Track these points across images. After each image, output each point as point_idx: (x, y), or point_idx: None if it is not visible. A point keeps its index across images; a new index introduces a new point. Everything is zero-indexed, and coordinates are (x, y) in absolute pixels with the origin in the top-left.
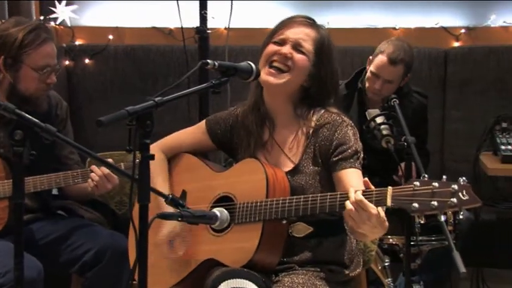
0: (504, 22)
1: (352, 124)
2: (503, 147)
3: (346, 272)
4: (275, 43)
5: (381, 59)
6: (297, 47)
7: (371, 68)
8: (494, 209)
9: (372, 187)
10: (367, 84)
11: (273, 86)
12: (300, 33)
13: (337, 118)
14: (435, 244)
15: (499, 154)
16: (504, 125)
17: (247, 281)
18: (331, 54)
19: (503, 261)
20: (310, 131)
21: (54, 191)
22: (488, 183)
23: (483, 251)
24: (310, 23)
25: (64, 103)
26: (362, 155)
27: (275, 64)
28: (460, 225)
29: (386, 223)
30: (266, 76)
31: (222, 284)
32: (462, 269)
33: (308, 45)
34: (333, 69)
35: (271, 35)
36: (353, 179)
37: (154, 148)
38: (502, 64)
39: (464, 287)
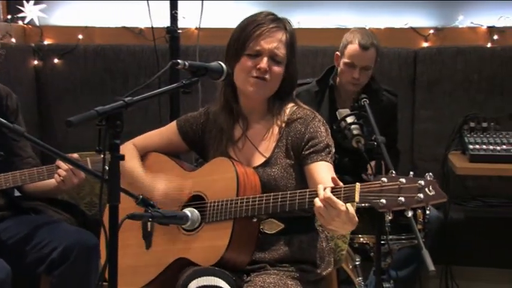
0: (471, 23)
1: (324, 121)
2: (471, 146)
3: (318, 271)
4: (250, 56)
5: (353, 48)
6: (273, 57)
7: (345, 59)
8: (463, 207)
9: (341, 184)
10: (343, 79)
11: (256, 96)
12: (274, 42)
13: (310, 113)
14: (405, 243)
15: (467, 153)
16: (472, 124)
17: (217, 279)
18: (296, 49)
19: (472, 259)
20: (283, 125)
21: (16, 193)
22: (457, 182)
23: (452, 249)
24: (280, 26)
25: (14, 95)
26: (333, 150)
27: (255, 76)
28: (430, 224)
29: (356, 218)
30: (249, 87)
31: (192, 282)
32: (431, 267)
33: (282, 52)
34: (296, 63)
35: (243, 45)
36: (324, 172)
37: (126, 143)
38: (470, 64)
39: (434, 284)
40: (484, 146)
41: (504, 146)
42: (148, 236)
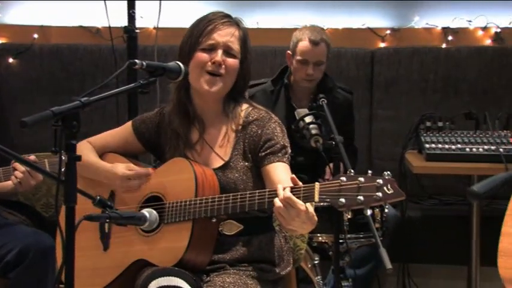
0: (427, 24)
1: (280, 121)
2: (427, 145)
3: (277, 270)
4: (204, 50)
5: (304, 45)
6: (227, 51)
7: (297, 57)
8: (419, 206)
9: (300, 183)
10: (297, 76)
11: (212, 93)
12: (227, 36)
13: (265, 115)
14: (363, 241)
15: (424, 152)
16: (428, 124)
17: (177, 279)
18: (250, 47)
19: (428, 257)
20: (239, 128)
21: None
22: (414, 181)
23: (409, 247)
24: (232, 21)
25: None
26: (289, 151)
27: (210, 72)
28: (387, 223)
29: (315, 218)
30: (206, 85)
31: (152, 283)
32: (388, 265)
33: (236, 46)
34: (251, 60)
35: (197, 41)
36: (281, 173)
37: (82, 142)
38: (426, 64)
39: (391, 282)
40: (440, 145)
41: (459, 145)
42: (106, 237)
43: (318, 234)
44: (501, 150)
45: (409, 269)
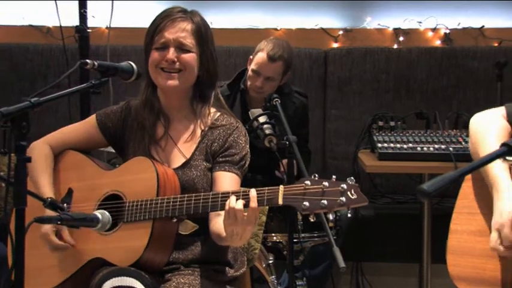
0: (379, 24)
1: (246, 132)
2: (379, 144)
3: (231, 271)
4: (157, 49)
5: (261, 56)
6: (180, 46)
7: (252, 66)
8: (372, 205)
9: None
10: (249, 83)
11: (172, 88)
12: (177, 32)
13: (234, 122)
14: (317, 240)
15: (376, 152)
16: (380, 123)
17: (133, 279)
18: (209, 37)
19: (381, 255)
20: (206, 129)
21: None
22: (367, 180)
23: (362, 246)
24: (184, 16)
25: None
26: (247, 163)
27: (166, 70)
28: (340, 222)
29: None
30: (163, 80)
31: (107, 283)
32: (342, 264)
33: (189, 40)
34: (214, 50)
35: (151, 41)
36: (229, 184)
37: (39, 143)
38: (378, 65)
39: (345, 280)
40: (392, 145)
41: (410, 144)
42: (61, 235)
43: (273, 234)
44: (451, 149)
45: (362, 267)
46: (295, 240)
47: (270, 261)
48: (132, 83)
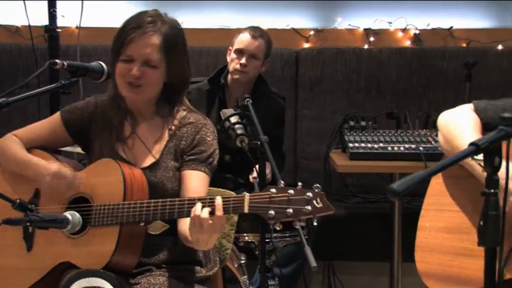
0: (349, 25)
1: (214, 129)
2: (350, 144)
3: (203, 271)
4: (123, 61)
5: (243, 35)
6: (147, 62)
7: (235, 47)
8: (344, 204)
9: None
10: (231, 68)
11: (135, 100)
12: (144, 47)
13: (202, 119)
14: (289, 240)
15: (347, 151)
16: (352, 123)
17: (101, 280)
18: (179, 46)
19: (353, 254)
20: (173, 128)
21: None
22: (338, 180)
23: (334, 245)
24: (153, 29)
25: None
26: (216, 160)
27: (130, 82)
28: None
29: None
30: (126, 92)
31: (74, 284)
32: (313, 263)
33: (156, 56)
34: (185, 55)
35: (118, 51)
36: (197, 182)
37: (7, 135)
38: (349, 65)
39: (316, 279)
40: (363, 144)
41: (381, 144)
42: (29, 237)
43: (245, 234)
44: (421, 148)
45: (334, 266)
46: (267, 240)
47: (242, 261)
48: (102, 83)
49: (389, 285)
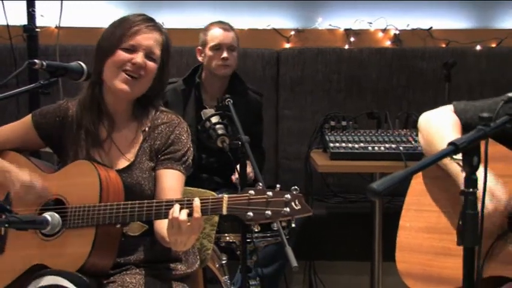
0: (330, 25)
1: (188, 128)
2: (331, 144)
3: (183, 267)
4: (125, 50)
5: (214, 31)
6: (149, 54)
7: (210, 45)
8: (325, 204)
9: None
10: (212, 65)
11: (128, 94)
12: (150, 40)
13: (175, 118)
14: (270, 240)
15: (328, 151)
16: (332, 123)
17: (59, 278)
18: (170, 53)
19: (333, 254)
20: (147, 129)
21: None
22: (319, 180)
23: (315, 245)
24: (157, 26)
25: None
26: (190, 159)
27: (128, 73)
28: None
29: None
30: (121, 84)
31: (31, 284)
32: (294, 263)
33: (157, 51)
34: (169, 67)
35: (119, 40)
36: (171, 181)
37: None
38: (330, 65)
39: (298, 279)
40: (344, 144)
41: (362, 144)
42: (1, 240)
43: (226, 234)
44: (401, 148)
45: (315, 266)
46: (248, 240)
47: (223, 262)
48: (82, 83)
49: (370, 284)
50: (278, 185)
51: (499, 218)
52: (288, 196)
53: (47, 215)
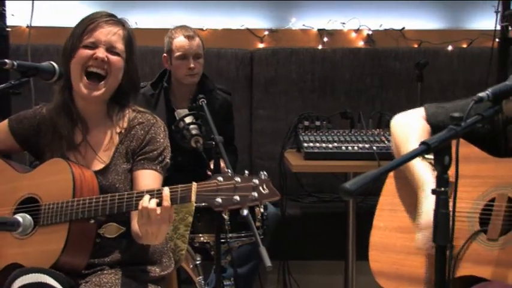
0: (303, 25)
1: (164, 127)
2: (305, 144)
3: (157, 270)
4: (86, 47)
5: (179, 41)
6: (110, 49)
7: (175, 54)
8: (299, 204)
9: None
10: (179, 74)
11: (93, 98)
12: (110, 34)
13: (151, 118)
14: (245, 240)
15: (302, 151)
16: (306, 123)
17: (45, 275)
18: (135, 48)
19: (308, 253)
20: (123, 131)
21: None
22: (293, 180)
23: (289, 245)
24: (116, 21)
25: None
26: (167, 158)
27: (92, 69)
28: (268, 221)
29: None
30: (84, 89)
31: (17, 281)
32: (268, 263)
33: (120, 45)
34: (137, 62)
35: (79, 38)
36: (149, 181)
37: None
38: (303, 65)
39: (272, 279)
40: (318, 144)
41: (335, 144)
42: None
43: (200, 235)
44: (374, 148)
45: (289, 265)
46: (222, 240)
47: (198, 262)
48: (54, 84)
49: (343, 283)
50: (246, 171)
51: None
52: (256, 181)
53: (19, 217)
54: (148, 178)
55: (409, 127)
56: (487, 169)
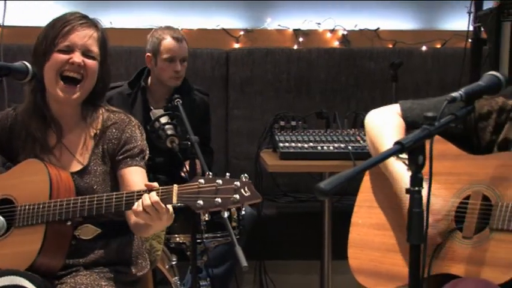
0: (279, 25)
1: (139, 124)
2: (281, 144)
3: (133, 271)
4: (61, 51)
5: (168, 42)
6: (86, 52)
7: (163, 56)
8: (275, 204)
9: (156, 185)
10: (164, 76)
11: (70, 101)
12: (86, 38)
13: (125, 118)
14: (221, 240)
15: (278, 151)
16: (282, 123)
17: (20, 278)
18: (109, 48)
19: (284, 253)
20: (98, 132)
21: None
22: (269, 180)
23: (265, 244)
24: (90, 23)
25: None
26: (147, 154)
27: (68, 74)
28: (244, 221)
29: (173, 215)
30: (61, 93)
31: None
32: (244, 263)
33: (95, 48)
34: (110, 62)
35: (53, 42)
36: (137, 177)
37: None
38: (279, 65)
39: (248, 279)
40: (293, 144)
41: (311, 144)
42: None
43: (176, 235)
44: (350, 148)
45: (265, 265)
46: (198, 240)
47: (173, 262)
48: (28, 83)
49: (319, 283)
50: (228, 173)
51: (441, 225)
52: (238, 183)
53: None
54: (135, 174)
55: (384, 123)
56: (462, 166)
